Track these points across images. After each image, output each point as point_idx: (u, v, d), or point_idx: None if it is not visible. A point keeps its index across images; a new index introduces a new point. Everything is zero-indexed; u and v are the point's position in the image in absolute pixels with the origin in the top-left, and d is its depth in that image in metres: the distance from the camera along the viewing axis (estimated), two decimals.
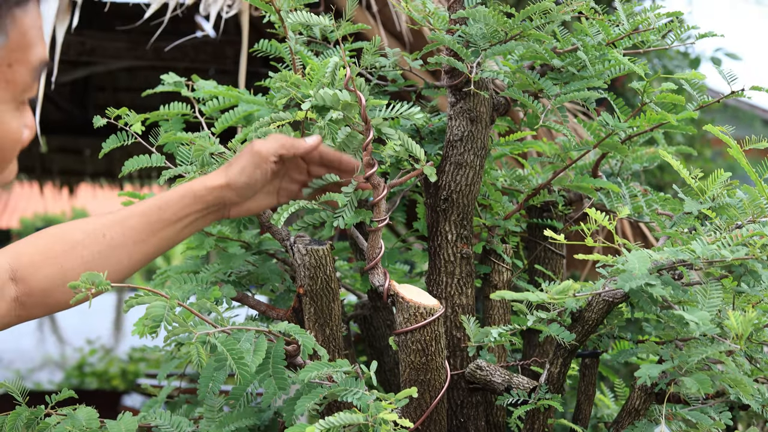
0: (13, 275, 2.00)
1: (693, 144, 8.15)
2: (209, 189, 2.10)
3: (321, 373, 1.97)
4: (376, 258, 2.18)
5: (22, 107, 1.38)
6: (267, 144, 2.11)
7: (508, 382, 2.23)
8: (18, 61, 1.34)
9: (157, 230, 2.08)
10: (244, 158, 2.12)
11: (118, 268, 2.06)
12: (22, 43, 1.33)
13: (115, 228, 2.04)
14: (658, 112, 2.29)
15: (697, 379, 1.92)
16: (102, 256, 2.03)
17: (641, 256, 1.85)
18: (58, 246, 2.02)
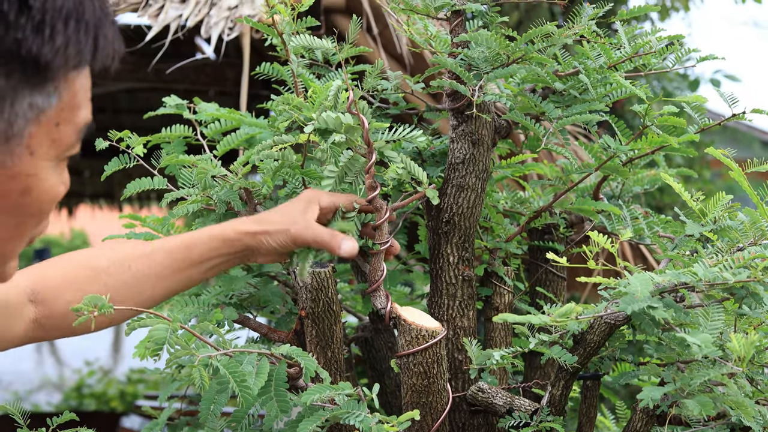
0: (34, 297, 2.02)
1: (692, 165, 8.16)
2: (240, 234, 2.10)
3: (323, 396, 1.97)
4: (379, 280, 2.19)
5: (62, 165, 1.41)
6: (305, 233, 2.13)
7: (509, 405, 2.23)
8: (65, 121, 1.36)
9: (182, 268, 2.10)
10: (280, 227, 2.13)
11: (139, 300, 2.08)
12: (71, 103, 1.36)
13: (141, 260, 2.06)
14: (659, 135, 2.30)
15: (699, 401, 1.92)
16: (125, 287, 2.05)
17: (643, 278, 1.86)
18: (81, 272, 2.04)
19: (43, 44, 1.24)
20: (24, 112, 1.29)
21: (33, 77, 1.27)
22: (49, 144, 1.35)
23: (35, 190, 1.36)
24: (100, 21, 1.31)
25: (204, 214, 2.41)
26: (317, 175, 2.30)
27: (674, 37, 2.36)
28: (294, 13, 2.38)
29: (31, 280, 2.03)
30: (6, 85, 1.25)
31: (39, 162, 1.34)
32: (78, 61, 1.30)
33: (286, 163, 2.26)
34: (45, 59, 1.25)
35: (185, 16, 4.90)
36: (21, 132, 1.30)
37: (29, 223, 1.40)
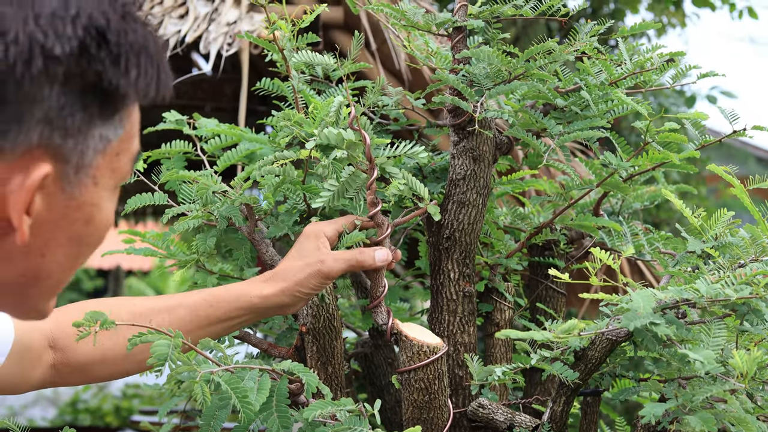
0: (53, 343, 2.05)
1: (688, 181, 8.17)
2: (264, 298, 2.10)
3: (325, 412, 1.97)
4: (380, 296, 2.19)
5: (117, 193, 1.45)
6: (336, 265, 2.12)
7: (510, 421, 2.23)
8: (124, 151, 1.40)
9: (203, 325, 2.11)
10: (309, 271, 2.12)
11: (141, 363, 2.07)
12: (130, 134, 1.40)
13: (162, 315, 2.08)
14: (660, 151, 2.30)
15: (701, 417, 1.92)
16: None
17: (646, 295, 1.86)
18: None
19: (120, 76, 1.29)
20: (95, 144, 1.33)
21: (106, 109, 1.32)
22: (110, 174, 1.39)
23: (96, 219, 1.40)
24: (161, 55, 1.36)
25: (205, 229, 2.41)
26: (318, 191, 2.30)
27: (675, 54, 2.37)
28: (294, 29, 2.38)
29: (52, 326, 2.05)
30: (83, 118, 1.29)
31: (101, 192, 1.38)
32: (146, 92, 1.35)
33: (287, 179, 2.26)
34: (122, 91, 1.30)
35: (184, 31, 4.91)
36: (90, 163, 1.34)
37: (87, 252, 1.44)
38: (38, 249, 1.36)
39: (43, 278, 1.41)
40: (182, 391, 2.52)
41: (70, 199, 1.34)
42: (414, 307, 3.04)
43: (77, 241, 1.40)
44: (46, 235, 1.35)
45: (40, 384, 2.05)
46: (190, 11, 5.03)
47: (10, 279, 1.37)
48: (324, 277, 2.11)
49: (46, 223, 1.34)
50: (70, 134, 1.28)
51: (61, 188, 1.32)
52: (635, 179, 2.50)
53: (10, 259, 1.34)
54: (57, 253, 1.38)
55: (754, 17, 9.90)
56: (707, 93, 9.30)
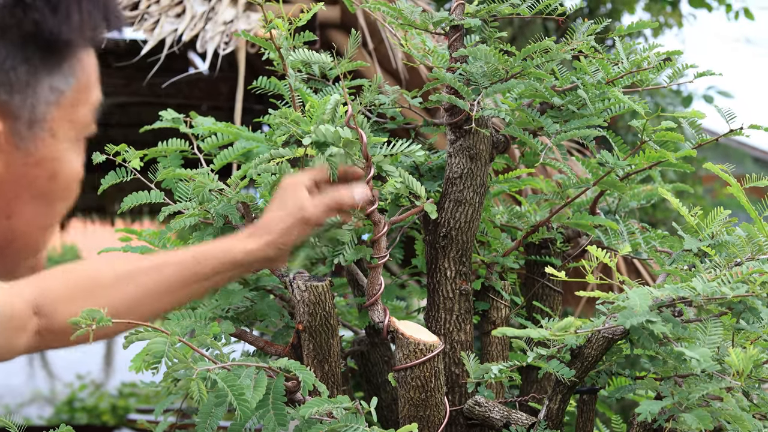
0: (37, 310, 2.00)
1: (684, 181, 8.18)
2: (249, 253, 2.05)
3: (321, 409, 1.97)
4: (376, 294, 2.19)
5: (81, 145, 1.44)
6: (316, 210, 2.05)
7: (506, 418, 2.24)
8: (82, 102, 1.39)
9: (190, 283, 2.06)
10: (290, 220, 2.04)
11: (143, 313, 2.04)
12: (86, 84, 1.39)
13: (149, 274, 2.01)
14: (657, 150, 2.31)
15: (697, 415, 1.92)
16: (131, 299, 1.99)
17: (642, 293, 1.86)
18: (87, 285, 2.01)
19: (61, 24, 1.27)
20: (45, 96, 1.33)
21: (50, 59, 1.30)
22: (68, 126, 1.38)
23: (61, 174, 1.40)
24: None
25: (201, 227, 2.41)
26: None
27: (672, 53, 2.37)
28: (291, 27, 2.38)
29: (35, 292, 2.01)
30: (27, 71, 1.28)
31: (60, 144, 1.38)
32: (94, 37, 1.34)
33: (283, 177, 2.27)
34: (65, 38, 1.29)
35: (180, 30, 4.91)
36: (43, 116, 1.33)
37: (59, 207, 1.44)
38: (2, 210, 1.37)
39: (17, 239, 1.41)
40: (179, 389, 2.52)
41: (27, 156, 1.34)
42: (410, 306, 3.04)
43: (44, 199, 1.39)
44: (7, 195, 1.35)
45: (25, 350, 2.01)
46: (186, 10, 5.02)
47: None
48: (306, 223, 2.03)
49: (5, 183, 1.34)
50: (16, 89, 1.28)
51: (15, 145, 1.32)
52: (632, 178, 2.51)
53: None
54: (24, 213, 1.38)
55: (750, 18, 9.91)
56: (704, 93, 9.32)
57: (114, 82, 6.85)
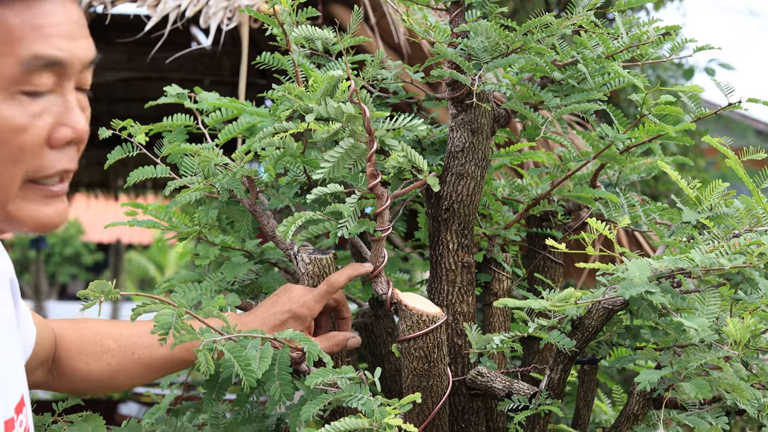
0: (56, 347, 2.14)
1: (686, 154, 8.19)
2: None
3: (326, 380, 2.00)
4: (380, 267, 2.22)
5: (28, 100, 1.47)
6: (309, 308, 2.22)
7: (508, 388, 2.26)
8: (2, 54, 1.42)
9: (181, 363, 2.18)
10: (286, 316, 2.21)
11: (136, 378, 2.21)
12: (5, 37, 1.42)
13: (144, 350, 2.17)
14: (656, 124, 2.33)
15: (695, 384, 1.95)
16: (125, 369, 2.18)
17: (641, 264, 1.89)
18: (91, 347, 2.17)
19: None
20: None
21: None
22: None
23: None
24: None
25: (206, 201, 2.43)
26: (318, 164, 2.32)
27: (671, 28, 2.39)
28: (294, 3, 2.40)
29: (55, 336, 2.15)
30: None
31: None
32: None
33: (287, 151, 2.29)
34: None
35: (184, 5, 4.92)
36: None
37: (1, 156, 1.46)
38: None
39: None
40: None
41: None
42: (413, 279, 3.06)
43: None
44: None
45: (33, 384, 2.11)
46: None
47: None
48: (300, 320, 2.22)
49: None
50: None
51: None
52: (632, 151, 2.53)
53: None
54: None
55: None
56: (705, 66, 9.31)
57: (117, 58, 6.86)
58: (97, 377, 2.16)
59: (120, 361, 2.16)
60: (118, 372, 2.16)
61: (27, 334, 1.96)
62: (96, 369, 2.15)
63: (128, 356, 2.16)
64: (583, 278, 5.05)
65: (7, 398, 1.63)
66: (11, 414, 1.63)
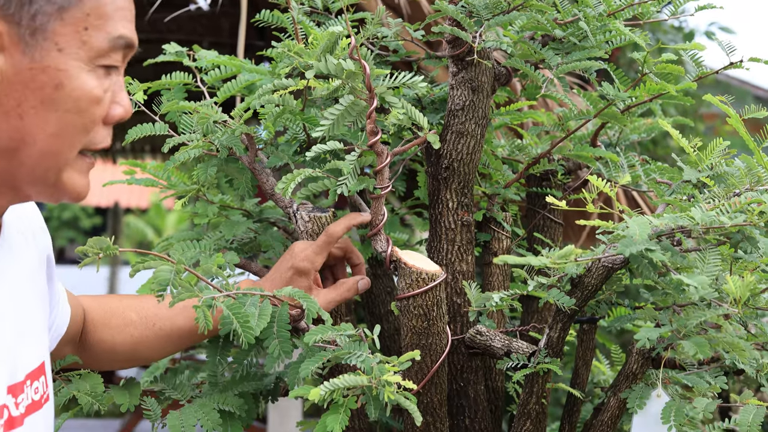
0: None
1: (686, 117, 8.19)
2: None
3: (325, 337, 2.00)
4: (379, 224, 2.21)
5: (104, 74, 1.57)
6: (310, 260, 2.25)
7: (507, 347, 2.26)
8: (95, 28, 1.52)
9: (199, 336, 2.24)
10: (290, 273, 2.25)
11: (159, 350, 2.27)
12: (99, 12, 1.53)
13: (164, 321, 2.23)
14: (657, 83, 2.32)
15: (695, 342, 1.95)
16: (147, 340, 2.23)
17: (642, 222, 1.88)
18: (115, 320, 2.22)
19: None
20: (43, 8, 1.46)
21: None
22: (79, 45, 1.51)
23: (67, 86, 1.52)
24: None
25: (205, 159, 2.43)
26: (317, 122, 2.31)
27: None
28: None
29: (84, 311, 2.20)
30: None
31: (68, 60, 1.50)
32: None
33: (286, 108, 2.28)
34: None
35: None
36: (44, 27, 1.47)
37: (69, 120, 1.55)
38: (14, 110, 1.50)
39: (30, 142, 1.53)
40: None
41: (33, 62, 1.48)
42: (412, 239, 3.06)
43: (51, 106, 1.52)
44: (17, 95, 1.49)
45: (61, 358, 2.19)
46: None
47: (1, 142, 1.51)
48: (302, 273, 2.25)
49: (15, 84, 1.48)
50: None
51: (21, 51, 1.47)
52: (633, 111, 2.52)
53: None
54: (33, 116, 1.51)
55: None
56: (706, 29, 9.28)
57: None
58: (121, 350, 2.21)
59: (142, 332, 2.21)
60: (140, 344, 2.21)
61: (62, 313, 2.03)
62: (120, 341, 2.20)
63: (149, 328, 2.21)
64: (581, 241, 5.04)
65: (16, 364, 1.68)
66: (18, 379, 1.68)
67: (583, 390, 2.39)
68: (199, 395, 2.35)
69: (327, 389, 1.85)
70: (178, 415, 2.23)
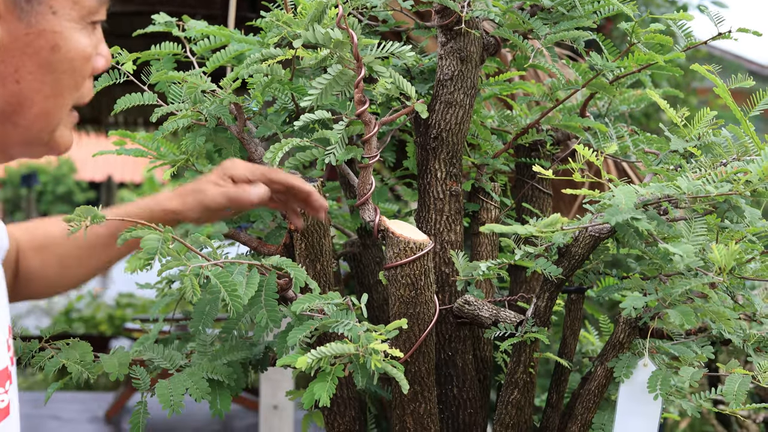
0: None
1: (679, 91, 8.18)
2: (165, 212, 2.10)
3: (312, 305, 2.00)
4: (367, 194, 2.22)
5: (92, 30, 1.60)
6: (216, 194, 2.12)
7: (495, 317, 2.27)
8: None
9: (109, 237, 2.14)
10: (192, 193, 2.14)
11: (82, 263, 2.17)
12: None
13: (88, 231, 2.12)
14: (646, 53, 2.32)
15: (680, 311, 1.95)
16: (70, 254, 2.14)
17: (628, 191, 1.89)
18: (39, 240, 2.15)
19: None
20: None
21: None
22: (70, 6, 1.53)
23: (63, 47, 1.54)
24: None
25: (194, 128, 2.43)
26: (306, 91, 2.31)
27: None
28: None
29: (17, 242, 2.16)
30: None
31: (62, 21, 1.52)
32: None
33: (275, 78, 2.28)
34: None
35: None
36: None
37: (65, 81, 1.57)
38: (11, 76, 1.51)
39: (27, 105, 1.55)
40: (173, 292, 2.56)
41: (29, 27, 1.49)
42: (402, 210, 3.06)
43: (48, 68, 1.53)
44: (14, 61, 1.50)
45: None
46: None
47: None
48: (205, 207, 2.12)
49: (12, 50, 1.49)
50: None
51: (17, 17, 1.48)
52: (622, 82, 2.52)
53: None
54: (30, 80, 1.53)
55: None
56: (698, 3, 9.26)
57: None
58: (52, 272, 2.15)
59: (65, 247, 2.14)
60: (66, 258, 2.14)
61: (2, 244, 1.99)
62: (49, 263, 2.15)
63: (70, 241, 2.13)
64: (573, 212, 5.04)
65: None
66: None
67: (571, 359, 2.40)
68: (188, 364, 2.36)
69: (314, 357, 1.86)
70: (167, 384, 2.24)
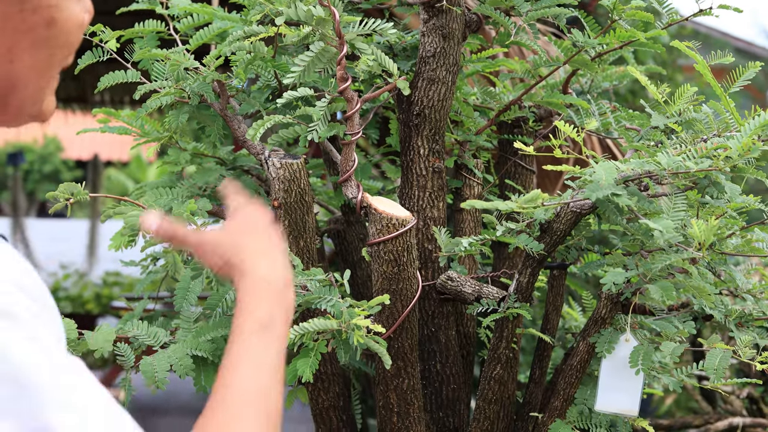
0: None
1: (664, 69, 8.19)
2: None
3: (296, 282, 2.01)
4: (350, 170, 2.22)
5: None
6: None
7: (478, 293, 2.28)
8: None
9: None
10: None
11: None
12: None
13: None
14: (627, 30, 2.33)
15: (661, 286, 1.97)
16: None
17: (608, 167, 1.90)
18: None
19: None
20: None
21: None
22: None
23: (60, 20, 1.45)
24: None
25: (177, 106, 2.43)
26: (288, 69, 2.31)
27: None
28: None
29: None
30: None
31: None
32: None
33: (258, 55, 2.28)
34: None
35: None
36: None
37: (59, 54, 1.49)
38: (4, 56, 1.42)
39: (21, 86, 1.49)
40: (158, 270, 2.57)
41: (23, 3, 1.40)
42: (386, 187, 3.07)
43: (44, 45, 1.45)
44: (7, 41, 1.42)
45: None
46: None
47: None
48: None
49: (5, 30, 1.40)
50: None
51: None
52: (604, 58, 2.53)
53: None
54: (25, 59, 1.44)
55: None
56: None
57: None
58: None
59: None
60: None
61: None
62: None
63: None
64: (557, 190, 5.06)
65: None
66: None
67: (554, 335, 2.42)
68: (173, 341, 2.37)
69: (297, 333, 1.87)
70: (151, 361, 2.25)
